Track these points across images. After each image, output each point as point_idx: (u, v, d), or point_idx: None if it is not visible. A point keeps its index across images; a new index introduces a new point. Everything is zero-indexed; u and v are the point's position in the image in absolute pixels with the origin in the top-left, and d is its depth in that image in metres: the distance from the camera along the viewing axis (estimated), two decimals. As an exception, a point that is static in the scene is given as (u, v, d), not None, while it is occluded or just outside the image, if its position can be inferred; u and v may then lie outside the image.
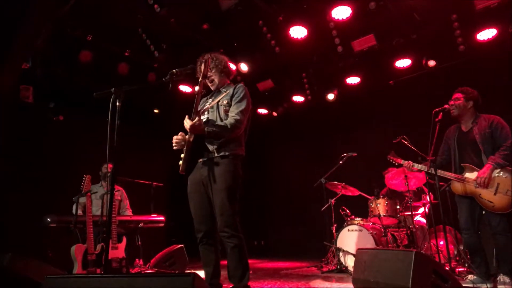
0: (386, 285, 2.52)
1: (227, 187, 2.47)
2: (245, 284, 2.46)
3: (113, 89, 2.25)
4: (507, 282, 3.03)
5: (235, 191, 2.53)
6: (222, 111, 2.63)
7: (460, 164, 3.38)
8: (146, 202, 5.29)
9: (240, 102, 2.62)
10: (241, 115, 2.56)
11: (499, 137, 3.20)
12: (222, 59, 2.82)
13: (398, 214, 4.68)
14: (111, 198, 2.12)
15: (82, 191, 3.68)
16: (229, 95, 2.65)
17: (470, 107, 3.41)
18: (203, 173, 2.57)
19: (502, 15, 4.73)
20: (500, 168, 3.13)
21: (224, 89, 2.75)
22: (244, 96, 2.66)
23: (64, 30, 4.93)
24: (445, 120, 3.52)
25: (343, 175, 5.15)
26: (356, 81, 6.36)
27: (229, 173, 2.50)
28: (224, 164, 2.52)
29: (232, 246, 2.46)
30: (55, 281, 1.59)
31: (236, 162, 2.59)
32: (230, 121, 2.53)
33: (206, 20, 5.10)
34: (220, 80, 2.78)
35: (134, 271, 4.45)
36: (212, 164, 2.54)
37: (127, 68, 5.58)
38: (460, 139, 3.43)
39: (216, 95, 2.76)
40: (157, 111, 7.19)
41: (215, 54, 2.82)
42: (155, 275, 1.46)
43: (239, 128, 2.55)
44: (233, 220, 2.46)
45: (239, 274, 2.45)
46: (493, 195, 3.11)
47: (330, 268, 4.61)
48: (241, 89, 2.70)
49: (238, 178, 2.57)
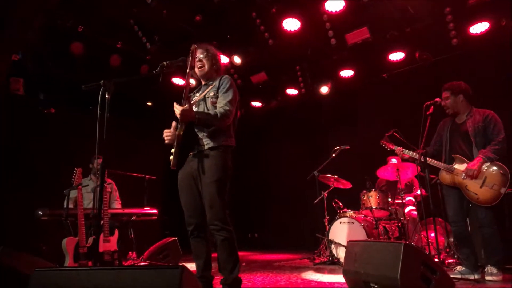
0: (376, 276, 2.56)
1: (216, 180, 2.48)
2: (236, 276, 2.48)
3: (102, 81, 2.23)
4: (494, 273, 3.08)
5: (225, 183, 2.53)
6: (210, 103, 2.63)
7: (450, 155, 3.40)
8: (139, 195, 5.29)
9: (226, 93, 2.61)
10: (230, 105, 2.56)
11: (492, 131, 3.22)
12: (214, 52, 2.80)
13: (389, 206, 4.73)
14: (101, 192, 2.11)
15: (73, 184, 3.67)
16: (216, 87, 2.65)
17: (462, 100, 3.42)
18: (193, 166, 2.57)
19: (494, 9, 4.74)
20: (490, 162, 3.16)
21: (211, 81, 2.74)
22: (230, 86, 2.65)
23: (55, 22, 4.86)
24: (437, 113, 3.54)
25: (336, 168, 5.18)
26: (349, 74, 6.36)
27: (219, 165, 2.51)
28: (213, 156, 2.52)
29: (222, 239, 2.47)
30: (44, 274, 1.59)
31: (226, 154, 2.59)
32: (219, 110, 2.53)
33: (199, 11, 5.05)
34: (209, 71, 2.76)
35: (127, 263, 4.46)
36: (202, 156, 2.54)
37: (119, 60, 5.53)
38: (453, 131, 3.45)
39: (203, 89, 2.76)
40: (150, 103, 7.15)
41: (207, 45, 2.80)
42: (143, 268, 1.47)
43: (228, 117, 2.55)
44: (223, 213, 2.47)
45: (230, 266, 2.47)
46: (479, 188, 3.15)
47: (322, 260, 4.66)
48: (227, 80, 2.69)
49: (228, 170, 2.57)
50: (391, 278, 2.34)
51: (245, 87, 6.75)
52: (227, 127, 2.61)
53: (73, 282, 1.49)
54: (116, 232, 3.85)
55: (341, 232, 4.52)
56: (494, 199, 3.08)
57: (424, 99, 3.62)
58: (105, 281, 1.49)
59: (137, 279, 1.43)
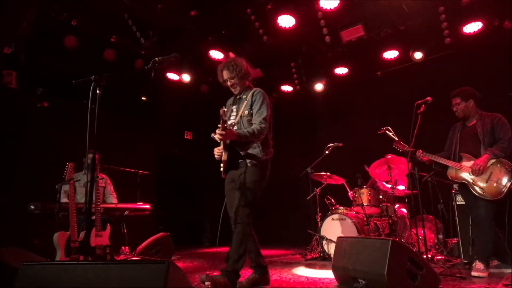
0: (364, 272, 2.60)
1: (248, 186, 2.81)
2: (238, 268, 2.70)
3: (93, 76, 2.23)
4: (481, 269, 3.14)
5: (256, 191, 2.86)
6: (246, 122, 2.89)
7: (459, 153, 3.53)
8: (132, 190, 5.29)
9: (260, 109, 2.86)
10: (265, 122, 2.83)
11: (499, 133, 3.37)
12: (241, 64, 2.96)
13: (380, 203, 4.77)
14: (92, 186, 2.12)
15: (65, 178, 3.66)
16: (249, 104, 2.90)
17: (472, 105, 3.56)
18: (236, 173, 2.90)
19: (488, 9, 4.78)
20: (496, 158, 3.29)
21: (244, 95, 2.99)
22: (263, 102, 2.88)
23: (48, 15, 4.83)
24: (427, 112, 3.58)
25: (329, 165, 5.20)
26: (344, 72, 6.38)
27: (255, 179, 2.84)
28: (253, 171, 2.84)
29: (237, 231, 2.74)
30: (32, 268, 1.60)
31: (265, 167, 2.93)
32: (256, 127, 2.78)
33: (194, 6, 5.04)
34: (241, 85, 2.98)
35: (119, 258, 4.47)
36: (244, 169, 2.86)
37: (113, 54, 5.50)
38: (463, 132, 3.61)
39: (238, 103, 3.02)
40: (144, 98, 7.13)
41: (233, 60, 2.97)
42: (130, 262, 1.49)
43: (263, 134, 2.84)
44: (244, 210, 2.76)
45: (236, 257, 2.69)
46: (485, 182, 3.27)
47: (314, 256, 4.70)
48: (259, 95, 2.91)
49: (262, 181, 2.93)
50: (379, 274, 2.39)
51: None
52: (264, 139, 2.92)
53: (61, 276, 1.50)
54: (108, 227, 3.86)
55: (332, 228, 4.56)
56: (499, 193, 3.20)
57: (417, 97, 3.66)
58: (93, 275, 1.50)
59: (124, 273, 1.45)
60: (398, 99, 5.80)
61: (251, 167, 2.85)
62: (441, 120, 4.99)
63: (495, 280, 3.01)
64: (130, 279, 1.41)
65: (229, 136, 2.67)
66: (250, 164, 2.85)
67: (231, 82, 2.94)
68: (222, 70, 2.95)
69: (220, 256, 5.62)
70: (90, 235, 3.54)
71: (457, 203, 4.14)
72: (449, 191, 4.31)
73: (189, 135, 7.97)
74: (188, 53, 5.92)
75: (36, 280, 1.52)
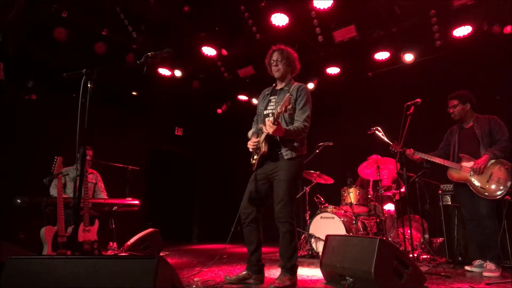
0: (351, 270, 2.64)
1: (288, 179, 2.79)
2: (294, 263, 2.78)
3: (84, 70, 2.20)
4: (493, 269, 3.19)
5: (295, 185, 2.87)
6: (287, 116, 2.88)
7: (458, 155, 3.59)
8: (121, 185, 5.25)
9: (305, 107, 2.89)
10: (308, 120, 2.88)
11: (497, 134, 3.45)
12: (293, 54, 3.02)
13: (369, 203, 4.83)
14: (81, 181, 2.10)
15: (53, 172, 3.61)
16: (293, 98, 2.88)
17: (469, 108, 3.63)
18: (269, 168, 2.90)
19: (477, 13, 4.86)
20: (496, 158, 3.36)
21: (287, 87, 2.97)
22: (307, 100, 2.92)
23: (37, 5, 4.73)
24: (417, 113, 3.64)
25: (318, 164, 5.24)
26: (336, 71, 6.41)
27: (292, 172, 2.81)
28: (291, 165, 2.81)
29: (284, 231, 2.78)
30: (19, 262, 1.58)
31: (300, 162, 2.90)
32: (300, 125, 2.82)
33: (187, 2, 5.00)
34: (284, 72, 2.99)
35: (107, 254, 4.44)
36: (280, 163, 2.84)
37: (104, 47, 5.43)
38: (462, 134, 3.67)
39: (278, 95, 2.99)
40: (135, 93, 7.06)
41: (287, 48, 3.01)
42: (119, 258, 1.48)
43: (306, 132, 2.89)
44: (288, 208, 2.78)
45: (289, 254, 2.78)
46: (486, 182, 3.34)
47: (302, 254, 4.74)
48: (304, 92, 2.92)
49: (299, 175, 2.93)
50: (366, 271, 2.43)
51: (232, 81, 6.74)
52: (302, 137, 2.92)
53: (48, 271, 1.49)
54: (97, 222, 3.82)
55: (321, 226, 4.60)
56: (500, 193, 3.26)
57: (408, 98, 3.72)
58: (81, 270, 1.49)
59: (113, 268, 1.44)
60: (388, 100, 5.86)
61: (289, 161, 2.82)
62: (430, 121, 5.09)
63: (478, 279, 3.09)
64: (120, 274, 1.41)
65: (278, 132, 2.67)
66: (287, 159, 2.83)
67: (277, 64, 2.97)
68: (274, 51, 3.01)
69: (208, 253, 5.63)
70: (78, 230, 3.51)
71: (443, 203, 4.23)
72: (436, 192, 4.39)
73: (180, 131, 7.93)
74: (180, 48, 5.87)
75: (24, 274, 1.50)
